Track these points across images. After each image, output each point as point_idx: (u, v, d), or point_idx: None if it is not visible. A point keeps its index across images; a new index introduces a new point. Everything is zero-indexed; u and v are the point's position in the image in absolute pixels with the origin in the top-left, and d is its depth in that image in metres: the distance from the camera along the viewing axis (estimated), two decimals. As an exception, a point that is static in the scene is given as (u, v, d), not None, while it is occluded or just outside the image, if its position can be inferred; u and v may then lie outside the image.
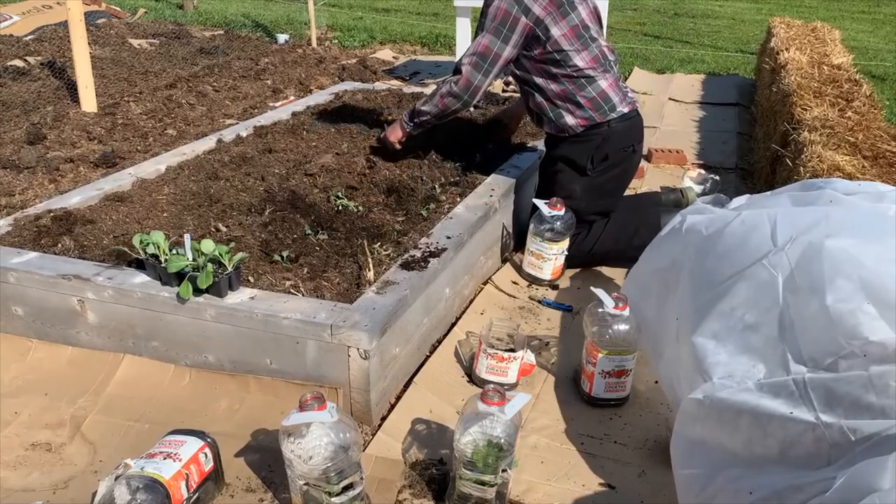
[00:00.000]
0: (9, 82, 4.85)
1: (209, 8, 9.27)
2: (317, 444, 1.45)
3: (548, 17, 2.46)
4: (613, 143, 2.63)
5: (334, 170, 2.78)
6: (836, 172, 2.48)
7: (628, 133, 2.67)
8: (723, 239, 1.76)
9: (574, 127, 2.61)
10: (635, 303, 2.03)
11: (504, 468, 1.54)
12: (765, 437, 1.38)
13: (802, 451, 1.31)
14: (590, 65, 2.55)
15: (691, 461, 1.53)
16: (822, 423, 1.30)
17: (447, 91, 2.58)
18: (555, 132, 2.69)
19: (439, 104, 2.61)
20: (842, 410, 1.31)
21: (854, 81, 3.69)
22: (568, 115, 2.60)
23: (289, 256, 2.17)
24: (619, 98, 2.62)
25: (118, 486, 1.44)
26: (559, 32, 2.48)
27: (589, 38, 2.55)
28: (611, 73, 2.62)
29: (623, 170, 2.75)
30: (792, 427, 1.34)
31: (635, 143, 2.72)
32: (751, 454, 1.40)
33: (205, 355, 1.98)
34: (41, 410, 1.90)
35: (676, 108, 5.17)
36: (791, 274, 1.52)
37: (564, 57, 2.51)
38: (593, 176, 2.67)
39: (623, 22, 9.18)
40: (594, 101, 2.57)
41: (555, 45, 2.49)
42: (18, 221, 2.35)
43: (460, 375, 2.15)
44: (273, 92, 5.22)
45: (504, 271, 2.77)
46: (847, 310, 1.39)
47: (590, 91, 2.56)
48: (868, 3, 11.33)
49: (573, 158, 2.67)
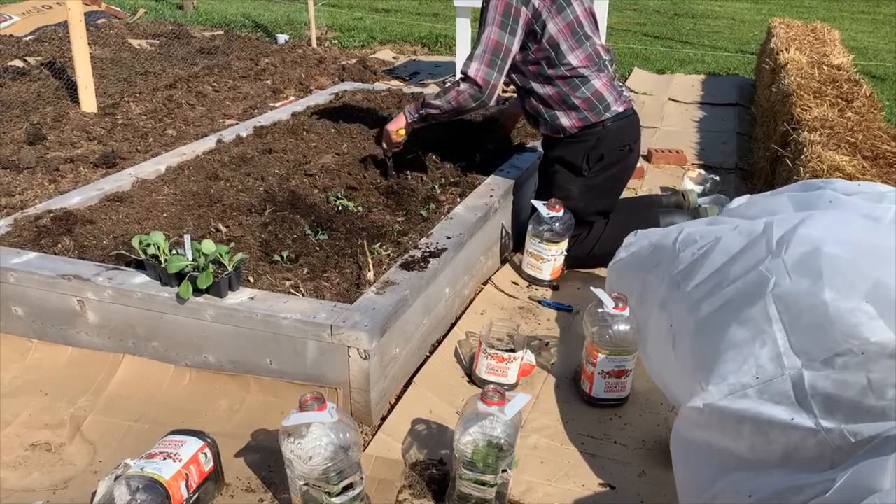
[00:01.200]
0: (9, 82, 4.86)
1: (209, 8, 9.27)
2: (317, 445, 1.45)
3: (545, 11, 2.45)
4: (609, 143, 2.63)
5: (334, 170, 2.78)
6: (836, 173, 2.48)
7: (624, 132, 2.66)
8: (719, 247, 1.76)
9: (569, 128, 2.61)
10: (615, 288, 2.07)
11: (504, 468, 1.54)
12: (768, 444, 1.38)
13: (805, 455, 1.31)
14: (583, 63, 2.54)
15: (693, 464, 1.53)
16: (823, 428, 1.30)
17: (464, 88, 2.48)
18: (550, 133, 2.69)
19: (453, 101, 2.51)
20: (841, 414, 1.31)
21: (854, 82, 3.69)
22: (563, 116, 2.60)
23: (289, 257, 2.17)
24: (613, 97, 2.61)
25: (118, 487, 1.44)
26: (555, 28, 2.48)
27: (583, 35, 2.55)
28: (605, 73, 2.62)
29: (620, 169, 2.74)
30: (793, 433, 1.34)
31: (631, 142, 2.71)
32: (755, 459, 1.40)
33: (205, 355, 1.98)
34: (41, 410, 1.90)
35: (676, 108, 5.18)
36: (788, 276, 1.52)
37: (559, 54, 2.51)
38: (589, 176, 2.67)
39: (623, 22, 9.19)
40: (588, 101, 2.57)
41: (550, 41, 2.49)
42: (18, 221, 2.35)
43: (460, 375, 2.15)
44: (273, 92, 5.22)
45: (504, 271, 2.77)
46: (846, 308, 1.39)
47: (584, 91, 2.56)
48: (868, 3, 11.33)
49: (569, 159, 2.67)
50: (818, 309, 1.42)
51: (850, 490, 1.13)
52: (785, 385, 1.40)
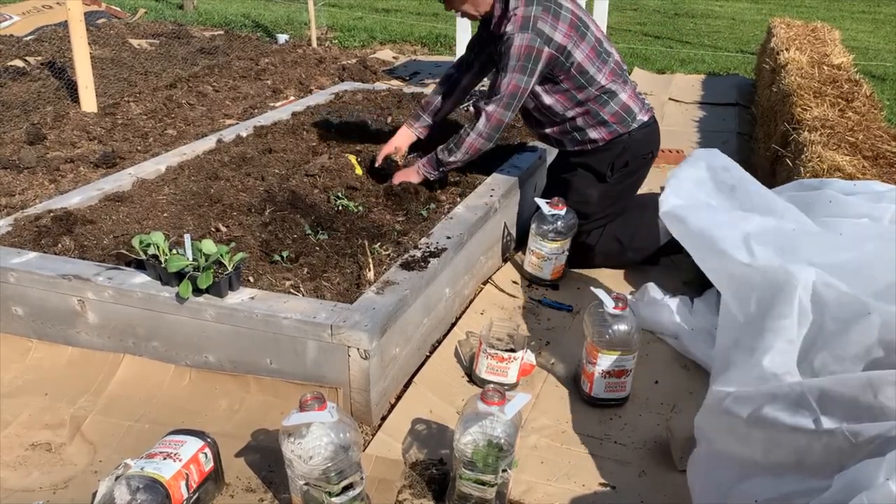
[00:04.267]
0: (9, 82, 4.86)
1: (209, 8, 9.26)
2: (317, 444, 1.45)
3: (570, 43, 2.45)
4: (633, 151, 2.65)
5: (334, 170, 2.78)
6: (836, 172, 2.48)
7: (647, 141, 2.68)
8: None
9: (598, 140, 2.63)
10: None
11: (504, 468, 1.54)
12: (779, 448, 1.38)
13: (814, 459, 1.31)
14: (609, 79, 2.55)
15: (711, 470, 1.54)
16: (826, 431, 1.30)
17: (477, 135, 2.53)
18: (578, 148, 2.69)
19: (470, 150, 2.56)
20: (843, 415, 1.30)
21: (854, 81, 3.69)
22: (592, 131, 2.61)
23: (289, 256, 2.17)
24: (638, 107, 2.63)
25: (118, 487, 1.44)
26: (581, 55, 2.48)
27: (604, 52, 2.56)
28: (628, 84, 2.62)
29: (638, 177, 2.77)
30: (800, 437, 1.34)
31: (654, 149, 2.73)
32: (769, 463, 1.40)
33: (205, 355, 1.98)
34: (41, 410, 1.90)
35: (676, 108, 5.18)
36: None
37: (588, 78, 2.51)
38: (612, 183, 2.68)
39: (623, 22, 9.18)
40: (617, 114, 2.58)
41: (578, 68, 2.49)
42: (18, 221, 2.35)
43: (460, 375, 2.15)
44: (273, 92, 5.22)
45: (504, 271, 2.77)
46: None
47: (612, 106, 2.57)
48: (868, 3, 11.32)
49: (594, 166, 2.68)
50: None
51: (846, 490, 1.13)
52: (786, 389, 1.40)
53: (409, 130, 2.87)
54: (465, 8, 2.55)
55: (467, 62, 2.83)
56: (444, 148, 2.60)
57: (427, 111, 2.85)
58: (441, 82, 2.87)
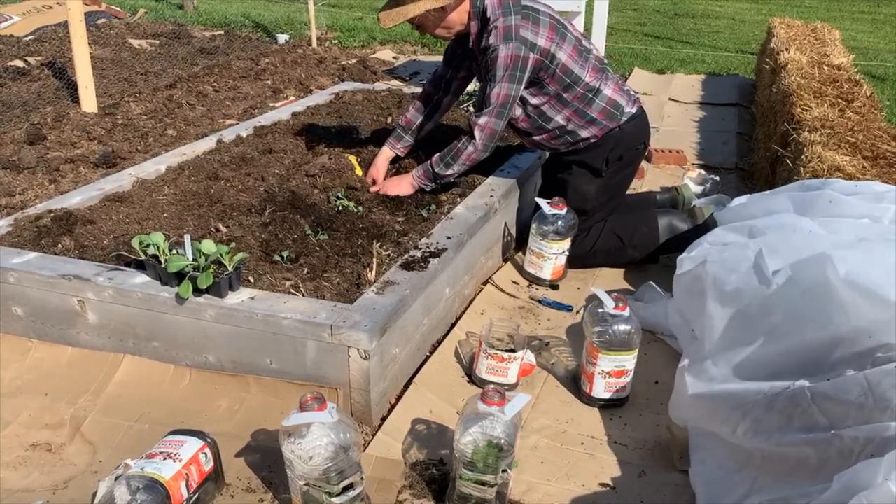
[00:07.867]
0: (9, 82, 4.86)
1: (209, 8, 9.26)
2: (317, 445, 1.45)
3: (552, 46, 2.46)
4: (626, 144, 2.67)
5: (334, 170, 2.78)
6: (836, 173, 2.48)
7: (638, 131, 2.71)
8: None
9: (590, 138, 2.64)
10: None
11: (504, 468, 1.54)
12: (779, 449, 1.38)
13: (814, 460, 1.31)
14: (592, 76, 2.56)
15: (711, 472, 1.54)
16: (825, 432, 1.30)
17: (473, 148, 2.53)
18: (571, 148, 2.70)
19: (467, 161, 2.56)
20: (841, 415, 1.31)
21: (854, 82, 3.69)
22: (583, 131, 2.62)
23: (289, 256, 2.17)
24: (625, 100, 2.64)
25: (118, 487, 1.44)
26: (565, 56, 2.49)
27: (584, 49, 2.57)
28: (611, 77, 2.63)
29: (633, 169, 2.81)
30: (800, 438, 1.34)
31: (646, 139, 2.77)
32: (770, 465, 1.40)
33: (205, 355, 1.98)
34: (41, 411, 1.90)
35: (676, 108, 5.18)
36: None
37: (574, 78, 2.52)
38: (607, 176, 2.70)
39: (623, 22, 9.18)
40: (605, 111, 2.59)
41: (563, 70, 2.50)
42: (18, 221, 2.35)
43: (460, 375, 2.15)
44: (273, 92, 5.22)
45: (504, 271, 2.77)
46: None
47: (598, 103, 2.58)
48: (868, 3, 11.33)
49: (589, 162, 2.69)
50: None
51: (845, 491, 1.13)
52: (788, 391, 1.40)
53: (391, 152, 2.83)
54: (437, 32, 2.55)
55: (446, 81, 2.79)
56: (439, 160, 2.59)
57: (409, 131, 2.83)
58: (422, 100, 2.83)
